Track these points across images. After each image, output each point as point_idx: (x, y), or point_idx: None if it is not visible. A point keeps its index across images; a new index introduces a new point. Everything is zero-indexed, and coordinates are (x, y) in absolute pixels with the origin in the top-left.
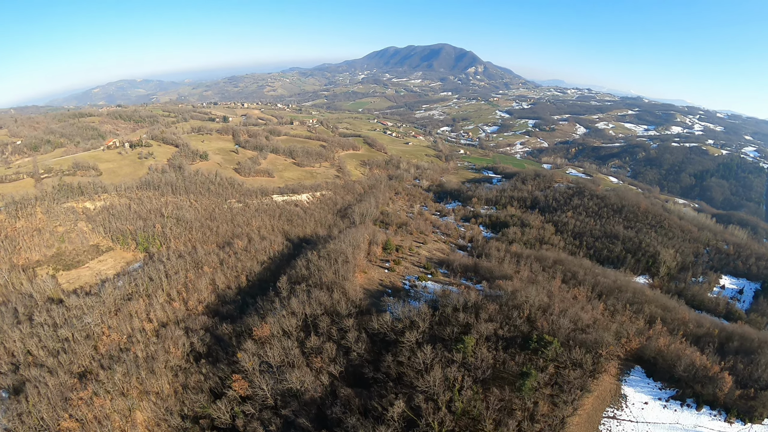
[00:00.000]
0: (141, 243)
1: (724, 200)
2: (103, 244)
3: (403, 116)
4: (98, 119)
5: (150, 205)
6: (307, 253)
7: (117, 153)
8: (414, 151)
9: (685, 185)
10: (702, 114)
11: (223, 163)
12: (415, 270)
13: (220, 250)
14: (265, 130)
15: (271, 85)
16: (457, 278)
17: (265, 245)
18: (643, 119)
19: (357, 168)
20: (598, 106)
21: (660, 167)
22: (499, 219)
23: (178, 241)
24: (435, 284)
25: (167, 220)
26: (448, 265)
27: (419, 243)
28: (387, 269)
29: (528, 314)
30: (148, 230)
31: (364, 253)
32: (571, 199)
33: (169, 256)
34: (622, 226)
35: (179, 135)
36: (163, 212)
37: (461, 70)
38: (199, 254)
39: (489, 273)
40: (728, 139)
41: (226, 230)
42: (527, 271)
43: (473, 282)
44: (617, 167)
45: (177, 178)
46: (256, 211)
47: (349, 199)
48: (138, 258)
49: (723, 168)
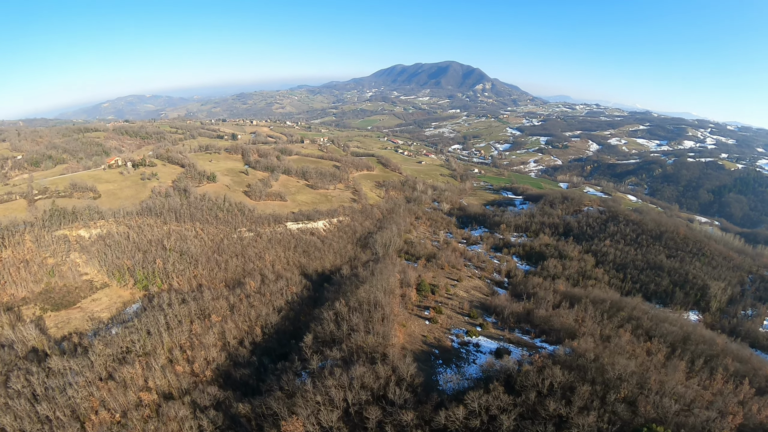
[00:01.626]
0: (140, 280)
1: (744, 216)
2: (98, 280)
3: (413, 134)
4: (103, 135)
5: (151, 235)
6: (335, 303)
7: (118, 173)
8: (428, 170)
9: (704, 202)
10: (713, 127)
11: (232, 186)
12: (459, 320)
13: (230, 292)
14: (275, 149)
15: (280, 103)
16: (510, 330)
17: (281, 286)
18: (655, 134)
19: (373, 190)
20: (608, 122)
21: (677, 184)
22: (533, 249)
23: (181, 278)
24: (488, 340)
25: (169, 254)
26: (495, 312)
27: (453, 280)
28: (428, 320)
29: (625, 394)
30: (147, 265)
31: (398, 298)
32: (605, 225)
33: (171, 301)
34: (664, 255)
35: (185, 154)
36: (165, 244)
37: (469, 87)
38: (205, 298)
39: (546, 323)
40: (741, 152)
41: (236, 265)
42: (589, 320)
43: (530, 336)
44: (634, 185)
45: (182, 203)
46: (269, 241)
47: (368, 225)
48: (136, 297)
49: (740, 183)
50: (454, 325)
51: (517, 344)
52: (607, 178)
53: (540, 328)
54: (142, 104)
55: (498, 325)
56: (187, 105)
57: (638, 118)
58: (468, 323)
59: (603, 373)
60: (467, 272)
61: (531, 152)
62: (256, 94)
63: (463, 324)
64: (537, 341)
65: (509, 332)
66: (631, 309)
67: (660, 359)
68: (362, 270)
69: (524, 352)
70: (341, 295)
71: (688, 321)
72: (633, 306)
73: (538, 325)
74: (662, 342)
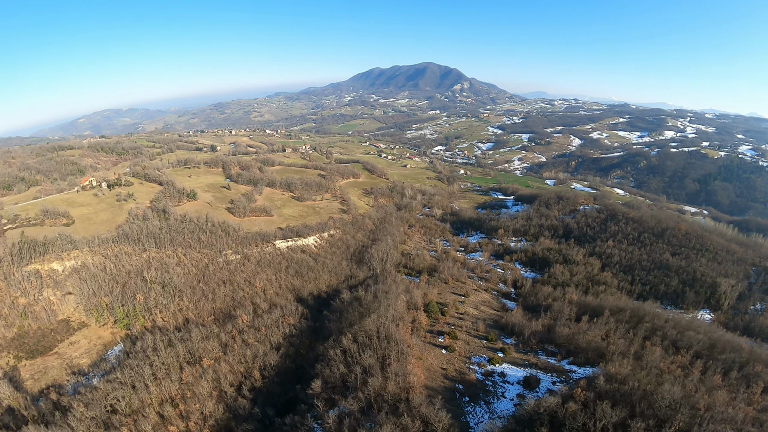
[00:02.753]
0: (120, 319)
1: (731, 204)
2: (75, 319)
3: (395, 137)
4: (78, 152)
5: (129, 265)
6: (341, 338)
7: (93, 194)
8: (414, 174)
9: (691, 191)
10: (691, 116)
11: (214, 203)
12: (477, 345)
13: (220, 328)
14: (257, 160)
15: (258, 111)
16: (533, 353)
17: (276, 317)
18: (636, 126)
19: (361, 198)
20: (588, 116)
21: (663, 175)
22: (536, 254)
23: (165, 313)
24: (513, 367)
25: (151, 287)
26: (513, 332)
27: (460, 295)
28: (444, 348)
29: (679, 427)
30: (127, 301)
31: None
32: (605, 225)
33: (156, 345)
34: (668, 253)
35: (163, 170)
36: (145, 275)
37: (447, 87)
38: (194, 339)
39: (570, 342)
40: (722, 139)
41: (224, 294)
42: (613, 334)
43: (557, 358)
44: (620, 178)
45: (161, 227)
46: (258, 264)
47: (361, 238)
48: (117, 338)
49: (724, 170)
50: (472, 351)
51: (544, 370)
52: (593, 173)
53: (565, 348)
54: (119, 118)
55: (519, 348)
56: (165, 117)
57: (617, 110)
58: (487, 348)
59: (651, 403)
60: (472, 285)
61: (514, 150)
62: (234, 103)
63: (482, 349)
64: (564, 363)
65: (533, 355)
66: (652, 317)
67: (696, 375)
68: (363, 293)
69: (554, 378)
70: (345, 325)
71: (711, 326)
72: (654, 314)
73: (561, 345)
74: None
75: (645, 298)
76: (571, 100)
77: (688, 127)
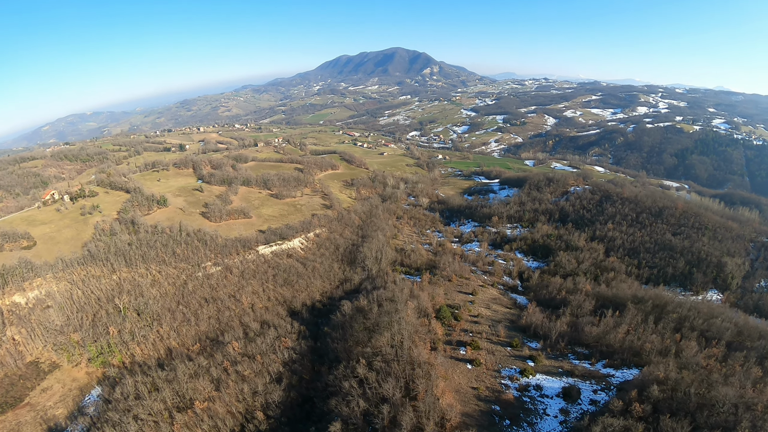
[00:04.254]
0: (94, 357)
1: (710, 177)
2: (44, 359)
3: (368, 124)
4: (41, 162)
5: (99, 290)
6: (354, 365)
7: (55, 210)
8: (392, 161)
9: (669, 166)
10: (662, 91)
11: (187, 208)
12: (502, 354)
13: (209, 359)
14: (229, 157)
15: (225, 105)
16: (563, 358)
17: (271, 339)
18: (608, 103)
19: (342, 191)
20: (560, 95)
21: (641, 151)
22: (536, 242)
23: (144, 346)
24: (547, 377)
25: (125, 315)
26: (535, 333)
27: (467, 294)
28: (469, 362)
29: None
30: (99, 336)
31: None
32: (601, 207)
33: (138, 391)
34: (669, 233)
35: (129, 176)
36: (117, 302)
37: (417, 72)
38: (180, 378)
39: (600, 342)
40: (695, 113)
41: (208, 316)
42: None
43: (590, 362)
44: (598, 155)
45: (130, 242)
46: (241, 275)
47: (349, 235)
48: (94, 379)
49: (701, 144)
50: (500, 362)
51: (581, 377)
52: (571, 152)
53: (595, 348)
54: (83, 123)
55: (548, 353)
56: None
57: (588, 88)
58: (514, 357)
59: (711, 410)
60: (477, 280)
61: (490, 132)
62: (200, 99)
63: (510, 359)
64: (599, 367)
65: (564, 360)
66: (675, 306)
67: (738, 369)
68: (365, 302)
69: (594, 386)
70: (353, 344)
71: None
72: (677, 302)
73: (590, 345)
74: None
75: (655, 282)
76: (542, 79)
77: (660, 103)
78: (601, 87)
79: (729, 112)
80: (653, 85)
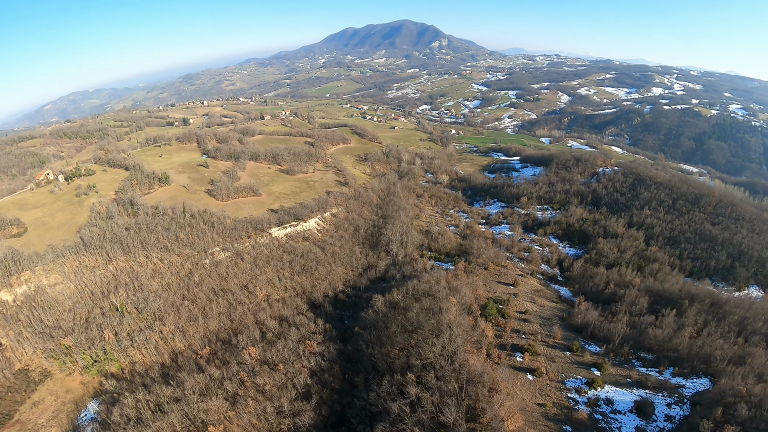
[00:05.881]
0: (88, 366)
1: (727, 163)
2: (35, 366)
3: (375, 98)
4: (39, 141)
5: (93, 283)
6: (401, 382)
7: (49, 191)
8: (404, 136)
9: (686, 150)
10: (677, 73)
11: (191, 185)
12: (562, 360)
13: (222, 369)
14: (235, 130)
15: (229, 79)
16: (629, 365)
17: (293, 343)
18: (623, 82)
19: (356, 166)
20: (573, 72)
21: (658, 132)
22: (570, 226)
23: (145, 351)
24: (616, 389)
25: (122, 313)
26: (593, 334)
27: (507, 285)
28: (529, 372)
29: None
30: (94, 341)
31: (475, 340)
32: (636, 190)
33: (141, 413)
34: (708, 223)
35: (129, 152)
36: (113, 300)
37: (425, 45)
38: (189, 396)
39: (664, 347)
40: (711, 97)
41: (218, 313)
42: (706, 333)
43: (658, 369)
44: (614, 135)
45: (129, 225)
46: (254, 262)
47: (368, 215)
48: (90, 388)
49: (718, 129)
50: (562, 371)
51: (652, 389)
52: (587, 130)
53: (660, 354)
54: (86, 101)
55: (611, 358)
56: (133, 95)
57: (601, 66)
58: (577, 364)
59: None
60: (514, 269)
61: (503, 107)
62: (204, 73)
63: (572, 367)
64: (668, 375)
65: (630, 368)
66: (733, 306)
67: None
68: (399, 296)
69: (666, 398)
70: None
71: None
72: (735, 302)
73: (654, 350)
74: None
75: (698, 275)
76: (553, 55)
77: (676, 84)
78: (615, 66)
79: (744, 98)
80: (668, 66)
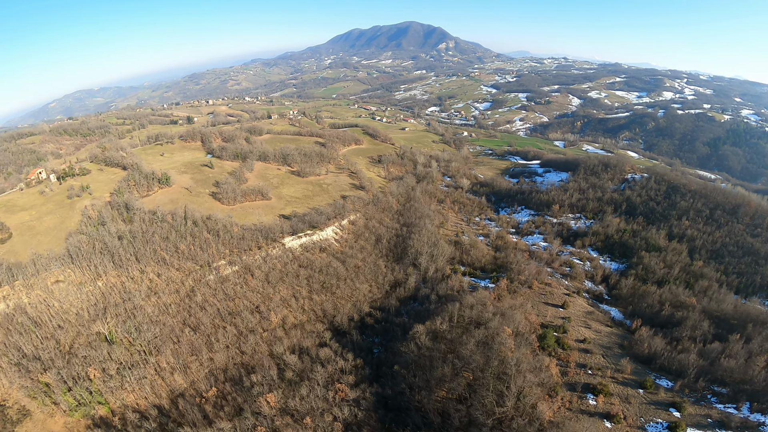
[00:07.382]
0: (72, 408)
1: (743, 169)
2: (12, 403)
3: (383, 99)
4: (39, 138)
5: (79, 302)
6: None
7: (39, 192)
8: (415, 137)
9: (701, 155)
10: (687, 77)
11: (195, 187)
12: (636, 400)
13: (233, 419)
14: (241, 129)
15: (235, 79)
16: (706, 402)
17: (321, 387)
18: (633, 86)
19: (370, 168)
20: (582, 75)
21: (672, 137)
22: (609, 237)
23: (138, 394)
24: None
25: (113, 340)
26: (662, 367)
27: (556, 307)
28: (605, 417)
29: None
30: (78, 379)
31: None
32: (670, 199)
33: None
34: (748, 235)
35: (128, 150)
36: (101, 328)
37: (431, 47)
38: None
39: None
40: (722, 102)
41: (225, 344)
42: None
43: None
44: (629, 139)
45: (123, 235)
46: (266, 279)
47: (390, 222)
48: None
49: (732, 135)
50: (640, 413)
51: (736, 430)
52: (601, 134)
53: (736, 388)
54: (90, 99)
55: (686, 394)
56: (138, 93)
57: (611, 70)
58: (652, 403)
59: None
60: (559, 287)
61: (514, 110)
62: (209, 72)
63: (648, 407)
64: (746, 412)
65: (707, 405)
66: None
67: None
68: (442, 324)
69: None
70: (444, 393)
71: None
72: None
73: (725, 382)
74: None
75: (744, 292)
76: (561, 59)
77: (686, 89)
78: (624, 69)
79: (755, 103)
80: (676, 70)
